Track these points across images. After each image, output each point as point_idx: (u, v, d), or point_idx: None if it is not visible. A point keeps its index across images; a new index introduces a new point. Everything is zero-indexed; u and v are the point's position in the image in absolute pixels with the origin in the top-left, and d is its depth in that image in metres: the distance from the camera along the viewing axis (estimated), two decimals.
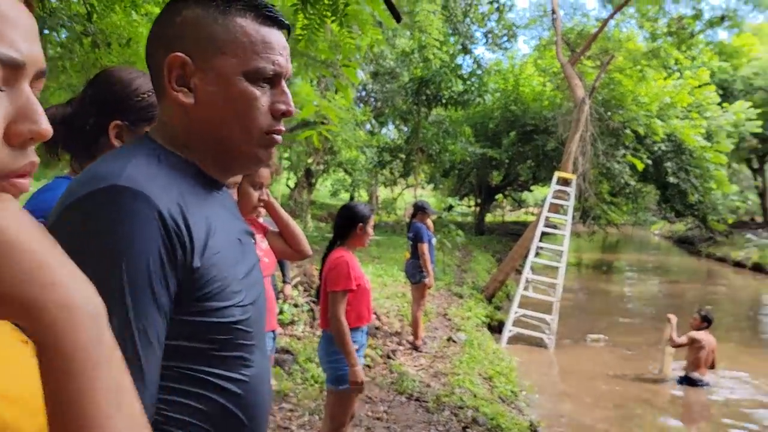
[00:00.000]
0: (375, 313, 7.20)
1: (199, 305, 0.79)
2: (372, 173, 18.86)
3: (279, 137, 0.88)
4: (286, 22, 0.88)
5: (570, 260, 17.43)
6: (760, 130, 20.16)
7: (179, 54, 0.80)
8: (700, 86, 17.19)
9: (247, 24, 0.82)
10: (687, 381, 6.72)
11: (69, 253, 0.62)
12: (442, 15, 13.64)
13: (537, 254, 9.92)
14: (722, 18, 14.66)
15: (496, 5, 15.43)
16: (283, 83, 0.87)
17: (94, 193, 0.72)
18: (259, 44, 0.82)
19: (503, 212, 32.30)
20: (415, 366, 5.94)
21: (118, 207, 0.71)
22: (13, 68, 0.46)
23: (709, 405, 6.32)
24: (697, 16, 14.35)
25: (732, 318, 11.49)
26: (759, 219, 27.07)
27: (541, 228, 9.81)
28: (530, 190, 25.82)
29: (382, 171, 19.10)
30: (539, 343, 8.30)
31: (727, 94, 21.95)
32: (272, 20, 0.85)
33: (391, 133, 21.12)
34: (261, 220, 4.37)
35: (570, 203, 10.15)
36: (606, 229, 19.53)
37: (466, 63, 16.69)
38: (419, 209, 6.74)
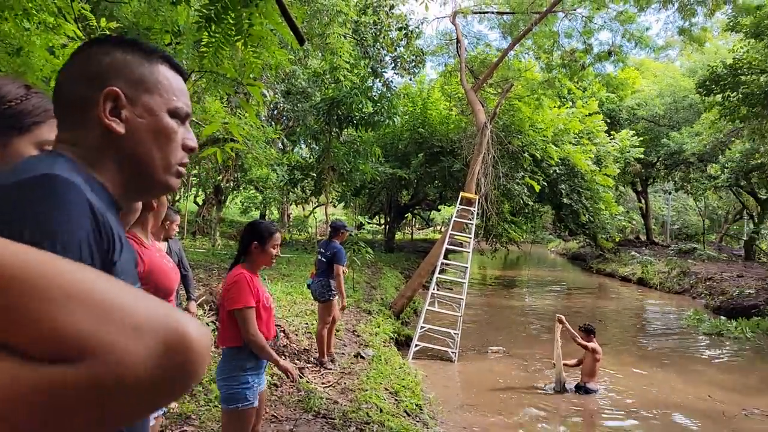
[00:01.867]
0: (283, 331, 7.15)
1: None
2: (283, 191, 18.71)
3: (184, 169, 1.01)
4: (187, 73, 1.03)
5: (474, 276, 18.13)
6: (642, 156, 22.16)
7: (115, 88, 0.89)
8: (590, 115, 18.68)
9: (166, 71, 0.96)
10: (583, 390, 7.20)
11: None
12: (353, 39, 13.92)
13: (443, 271, 10.27)
14: (609, 53, 15.96)
15: (405, 32, 15.94)
16: (187, 123, 1.00)
17: (26, 180, 0.74)
18: (175, 88, 0.96)
19: (412, 230, 33.03)
20: (323, 383, 5.95)
21: (52, 193, 0.73)
22: None
23: (602, 411, 6.76)
24: (588, 50, 15.54)
25: (619, 328, 12.42)
26: (643, 237, 29.43)
27: (446, 245, 10.18)
28: (438, 210, 26.63)
29: (293, 189, 18.99)
30: (444, 357, 8.58)
31: (613, 123, 23.95)
32: (179, 71, 0.99)
33: (302, 151, 21.10)
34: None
35: (473, 222, 10.63)
36: (507, 246, 20.49)
37: (376, 86, 17.05)
38: (340, 228, 6.77)
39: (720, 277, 16.86)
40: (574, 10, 14.12)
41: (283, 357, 6.37)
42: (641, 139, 21.96)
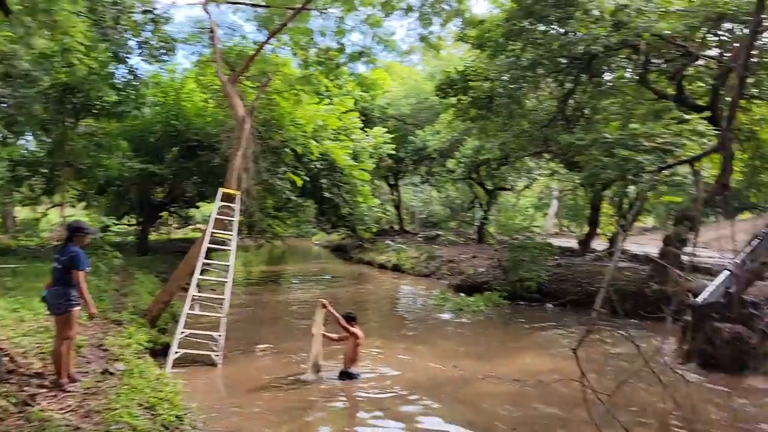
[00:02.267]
0: (8, 354, 6.02)
1: None
2: (5, 190, 15.85)
3: None
4: None
5: (238, 274, 17.73)
6: (393, 152, 24.12)
7: None
8: (346, 112, 19.62)
9: None
10: (347, 376, 7.47)
11: None
12: (88, 19, 12.34)
13: (204, 271, 9.77)
14: (360, 54, 16.87)
15: (150, 16, 14.70)
16: None
17: None
18: None
19: (169, 230, 30.96)
20: (61, 409, 5.15)
21: None
22: None
23: (366, 395, 7.07)
24: (341, 50, 16.19)
25: (377, 312, 13.33)
26: (396, 227, 32.15)
27: (206, 244, 9.70)
28: (197, 207, 25.38)
29: (18, 188, 16.23)
30: (208, 361, 8.18)
31: (367, 120, 25.56)
32: None
33: (29, 144, 18.09)
34: None
35: (235, 219, 10.30)
36: (272, 241, 20.51)
37: (120, 72, 15.47)
38: (75, 230, 5.94)
39: (459, 259, 19.25)
40: (326, 9, 14.60)
41: (9, 384, 5.35)
42: (392, 136, 23.85)
